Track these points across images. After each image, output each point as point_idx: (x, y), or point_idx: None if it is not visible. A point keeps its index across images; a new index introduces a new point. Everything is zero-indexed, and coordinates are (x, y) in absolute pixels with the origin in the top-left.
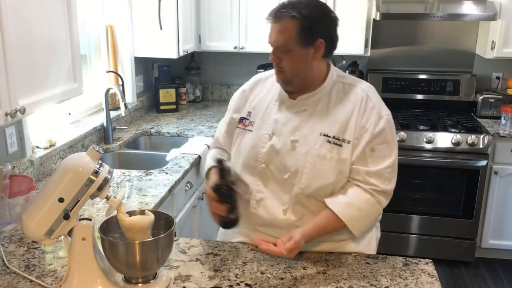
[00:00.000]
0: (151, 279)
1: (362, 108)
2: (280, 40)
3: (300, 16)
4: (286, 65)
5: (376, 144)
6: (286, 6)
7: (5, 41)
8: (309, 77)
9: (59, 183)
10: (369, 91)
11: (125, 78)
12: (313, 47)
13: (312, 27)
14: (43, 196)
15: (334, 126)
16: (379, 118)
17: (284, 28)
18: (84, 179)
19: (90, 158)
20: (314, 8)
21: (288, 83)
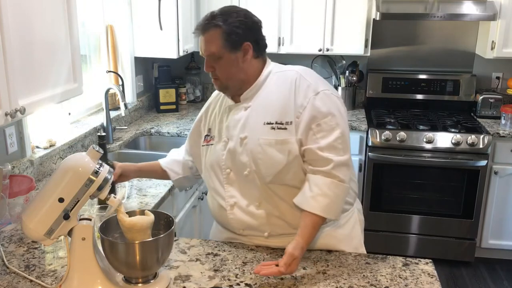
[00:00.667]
0: (151, 279)
1: (297, 87)
2: (209, 50)
3: (223, 24)
4: (219, 72)
5: (319, 119)
6: (210, 18)
7: (5, 41)
8: (243, 79)
9: (59, 183)
10: (303, 72)
11: (125, 78)
12: (241, 51)
13: (236, 32)
14: (43, 196)
15: (275, 112)
16: (316, 94)
17: (211, 37)
18: (84, 179)
19: (90, 158)
20: (235, 15)
21: (225, 89)
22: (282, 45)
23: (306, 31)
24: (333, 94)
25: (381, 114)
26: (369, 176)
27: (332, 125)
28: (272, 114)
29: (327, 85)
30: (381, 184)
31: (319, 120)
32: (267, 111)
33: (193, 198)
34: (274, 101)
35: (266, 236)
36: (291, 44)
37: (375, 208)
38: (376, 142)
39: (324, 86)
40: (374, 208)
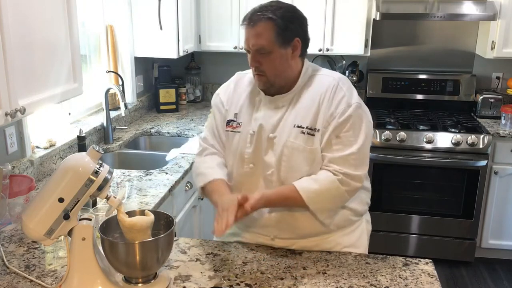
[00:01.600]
0: (151, 279)
1: (332, 96)
2: (259, 43)
3: (276, 17)
4: (267, 68)
5: (341, 131)
6: (260, 10)
7: (5, 41)
8: (289, 77)
9: (59, 183)
10: (340, 81)
11: (125, 78)
12: (291, 47)
13: (289, 27)
14: (43, 196)
15: (307, 117)
16: (348, 106)
17: (262, 30)
18: (84, 179)
19: (90, 158)
20: (286, 9)
21: (270, 86)
22: None
23: None
24: (363, 108)
25: (381, 114)
26: (369, 176)
27: (351, 140)
28: (305, 118)
29: (357, 97)
30: (381, 184)
31: (340, 132)
32: (300, 114)
33: (193, 198)
34: (309, 105)
35: (272, 239)
36: None
37: (375, 208)
38: (376, 142)
39: (356, 99)
40: (374, 208)
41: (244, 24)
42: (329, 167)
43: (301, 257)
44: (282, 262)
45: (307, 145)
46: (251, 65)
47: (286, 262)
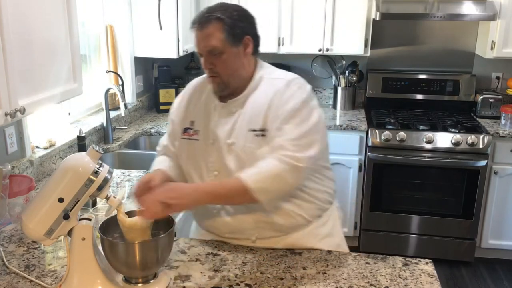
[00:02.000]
0: (151, 279)
1: (280, 97)
2: (211, 44)
3: (224, 16)
4: (220, 68)
5: (283, 124)
6: (208, 11)
7: (5, 41)
8: (243, 76)
9: (59, 183)
10: (292, 81)
11: (125, 78)
12: (242, 45)
13: (238, 25)
14: (43, 196)
15: (259, 119)
16: (294, 104)
17: (212, 31)
18: (84, 179)
19: (90, 158)
20: (233, 8)
21: (225, 87)
22: (282, 45)
23: (306, 31)
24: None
25: (381, 114)
26: (369, 176)
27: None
28: (257, 120)
29: (309, 95)
30: (381, 184)
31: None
32: (252, 117)
33: None
34: (260, 108)
35: (253, 240)
36: (291, 44)
37: (375, 208)
38: (376, 142)
39: (304, 95)
40: (374, 208)
41: (193, 28)
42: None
43: (301, 257)
44: (282, 262)
45: (263, 146)
46: (204, 67)
47: (286, 262)
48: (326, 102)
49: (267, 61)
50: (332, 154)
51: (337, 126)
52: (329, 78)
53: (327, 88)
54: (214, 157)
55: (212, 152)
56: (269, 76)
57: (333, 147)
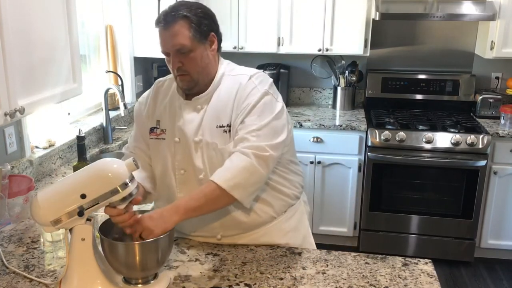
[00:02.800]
0: (151, 279)
1: (243, 91)
2: (179, 43)
3: (190, 14)
4: (189, 66)
5: (245, 117)
6: (172, 10)
7: (4, 41)
8: (211, 72)
9: (87, 180)
10: (254, 76)
11: (125, 78)
12: (208, 42)
13: (203, 22)
14: (67, 185)
15: (226, 115)
16: (256, 97)
17: (179, 29)
18: (112, 187)
19: (126, 169)
20: (197, 6)
21: (194, 85)
22: (282, 45)
23: (305, 31)
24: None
25: (380, 114)
26: (368, 176)
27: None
28: (225, 117)
29: (270, 87)
30: (380, 184)
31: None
32: (220, 114)
33: None
34: (225, 104)
35: (219, 239)
36: (290, 44)
37: (375, 208)
38: (375, 142)
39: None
40: (374, 208)
41: (159, 27)
42: (234, 150)
43: (301, 257)
44: (282, 262)
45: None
46: (173, 66)
47: (286, 262)
48: (325, 102)
49: (267, 61)
50: (332, 154)
51: (336, 126)
52: (328, 78)
53: (327, 88)
54: (180, 156)
55: (178, 150)
56: (230, 73)
57: (332, 147)
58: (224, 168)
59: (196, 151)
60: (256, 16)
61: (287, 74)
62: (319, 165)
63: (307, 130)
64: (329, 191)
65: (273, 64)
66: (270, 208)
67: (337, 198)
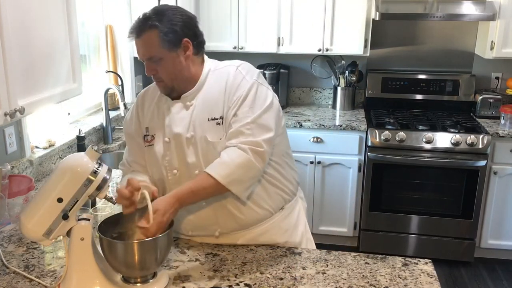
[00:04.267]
0: (150, 278)
1: (232, 82)
2: (148, 52)
3: (159, 23)
4: (162, 73)
5: (238, 109)
6: (143, 20)
7: (4, 41)
8: (187, 77)
9: (57, 183)
10: (240, 66)
11: (125, 78)
12: (181, 48)
13: (173, 30)
14: (42, 196)
15: (218, 107)
16: (246, 88)
17: (148, 39)
18: (83, 179)
19: (88, 158)
20: (170, 13)
21: (171, 90)
22: (282, 45)
23: (305, 31)
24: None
25: (380, 114)
26: (368, 176)
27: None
28: (216, 109)
29: (258, 77)
30: (380, 184)
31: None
32: (210, 107)
33: None
34: (215, 96)
35: (217, 236)
36: (290, 44)
37: (375, 208)
38: (375, 142)
39: (254, 78)
40: (374, 208)
41: (130, 37)
42: (229, 144)
43: (301, 257)
44: (282, 262)
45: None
46: (147, 74)
47: (286, 262)
48: (325, 102)
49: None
50: (332, 154)
51: (336, 126)
52: (328, 78)
53: (327, 88)
54: (171, 156)
55: (169, 151)
56: (215, 68)
57: (332, 147)
58: (221, 161)
59: (188, 148)
60: (256, 16)
61: (287, 74)
62: (319, 165)
63: (307, 130)
64: (329, 191)
65: (273, 64)
66: (266, 203)
67: (337, 198)
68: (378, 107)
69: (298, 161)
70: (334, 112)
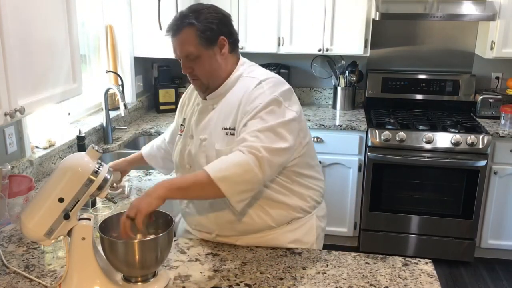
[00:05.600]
0: (151, 278)
1: (249, 95)
2: (186, 50)
3: (196, 21)
4: (199, 71)
5: (249, 119)
6: (180, 18)
7: (4, 41)
8: (223, 76)
9: (58, 183)
10: (264, 80)
11: (125, 78)
12: (217, 46)
13: (210, 28)
14: (42, 196)
15: (231, 117)
16: (262, 101)
17: (185, 37)
18: (84, 179)
19: (89, 158)
20: (205, 11)
21: (206, 88)
22: (282, 45)
23: (305, 31)
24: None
25: (380, 114)
26: (368, 176)
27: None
28: (230, 119)
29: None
30: (380, 184)
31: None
32: (226, 115)
33: None
34: (232, 106)
35: (213, 236)
36: (290, 44)
37: (375, 208)
38: (375, 142)
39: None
40: (374, 208)
41: (168, 35)
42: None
43: (301, 257)
44: (282, 262)
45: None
46: (184, 72)
47: (286, 262)
48: (325, 102)
49: (267, 61)
50: (332, 154)
51: (336, 126)
52: (328, 78)
53: (327, 88)
54: (189, 151)
55: (188, 146)
56: (247, 75)
57: (333, 147)
58: (218, 159)
59: (199, 149)
60: (256, 16)
61: (287, 74)
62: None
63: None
64: (329, 191)
65: (273, 64)
66: (267, 215)
67: (337, 198)
68: (378, 107)
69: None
70: (334, 112)
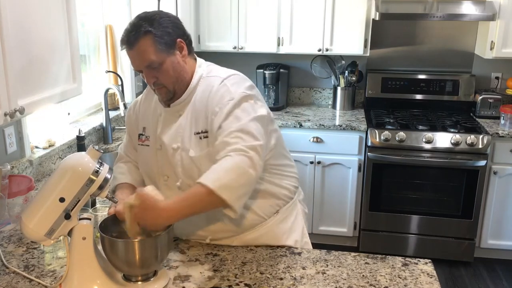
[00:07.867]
0: (151, 277)
1: (214, 95)
2: (147, 59)
3: (151, 28)
4: (164, 79)
5: (223, 122)
6: (134, 28)
7: (4, 41)
8: (187, 79)
9: (59, 182)
10: (227, 78)
11: (125, 78)
12: (176, 49)
13: (166, 31)
14: (43, 196)
15: (200, 121)
16: (229, 100)
17: (144, 46)
18: (84, 179)
19: (90, 158)
20: (157, 17)
21: (173, 95)
22: (282, 45)
23: (305, 31)
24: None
25: (380, 114)
26: (368, 176)
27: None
28: (199, 122)
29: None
30: (380, 184)
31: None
32: (196, 119)
33: None
34: (199, 108)
35: (208, 242)
36: (290, 44)
37: (375, 208)
38: (375, 142)
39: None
40: (374, 208)
41: (124, 48)
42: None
43: (301, 257)
44: (282, 262)
45: (208, 148)
46: (148, 82)
47: (286, 262)
48: (325, 102)
49: (267, 61)
50: (332, 154)
51: (336, 126)
52: (328, 78)
53: (327, 88)
54: (162, 162)
55: (161, 157)
56: (208, 75)
57: (332, 147)
58: (210, 169)
59: (174, 158)
60: (256, 16)
61: (287, 74)
62: (319, 165)
63: (307, 130)
64: (329, 191)
65: (273, 64)
66: (254, 210)
67: (337, 198)
68: (378, 107)
69: (298, 161)
70: (334, 112)
